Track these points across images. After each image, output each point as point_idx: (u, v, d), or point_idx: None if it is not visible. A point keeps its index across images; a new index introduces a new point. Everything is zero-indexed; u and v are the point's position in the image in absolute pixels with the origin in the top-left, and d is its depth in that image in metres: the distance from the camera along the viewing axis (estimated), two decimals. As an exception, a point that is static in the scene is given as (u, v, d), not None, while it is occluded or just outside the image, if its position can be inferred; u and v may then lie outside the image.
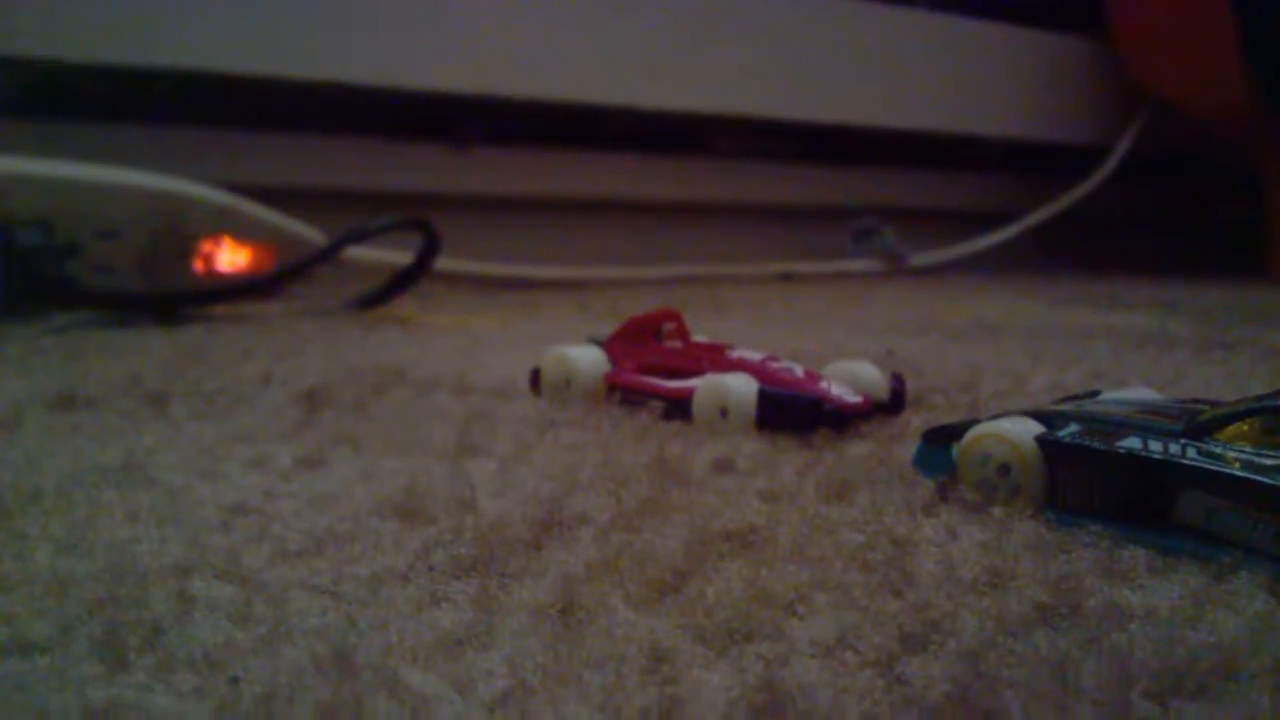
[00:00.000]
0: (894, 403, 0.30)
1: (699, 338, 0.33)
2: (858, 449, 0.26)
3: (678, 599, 0.17)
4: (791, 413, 0.28)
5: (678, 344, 0.32)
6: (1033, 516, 0.20)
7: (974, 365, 0.40)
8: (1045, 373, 0.38)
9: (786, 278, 0.88)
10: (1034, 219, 1.01)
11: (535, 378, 0.33)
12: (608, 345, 0.33)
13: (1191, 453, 0.19)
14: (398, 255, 0.61)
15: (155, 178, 0.55)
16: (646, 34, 0.84)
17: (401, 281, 0.59)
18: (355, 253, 0.61)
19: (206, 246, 0.56)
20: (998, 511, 0.21)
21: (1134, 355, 0.44)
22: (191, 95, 0.73)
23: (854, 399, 0.29)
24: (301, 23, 0.71)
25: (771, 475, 0.24)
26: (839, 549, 0.19)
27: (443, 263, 0.62)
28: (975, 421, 0.22)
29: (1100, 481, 0.20)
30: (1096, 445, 0.20)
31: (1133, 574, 0.18)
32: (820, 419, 0.28)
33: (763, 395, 0.28)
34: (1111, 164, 1.03)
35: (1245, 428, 0.19)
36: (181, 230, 0.55)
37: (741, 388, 0.28)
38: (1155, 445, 0.19)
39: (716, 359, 0.31)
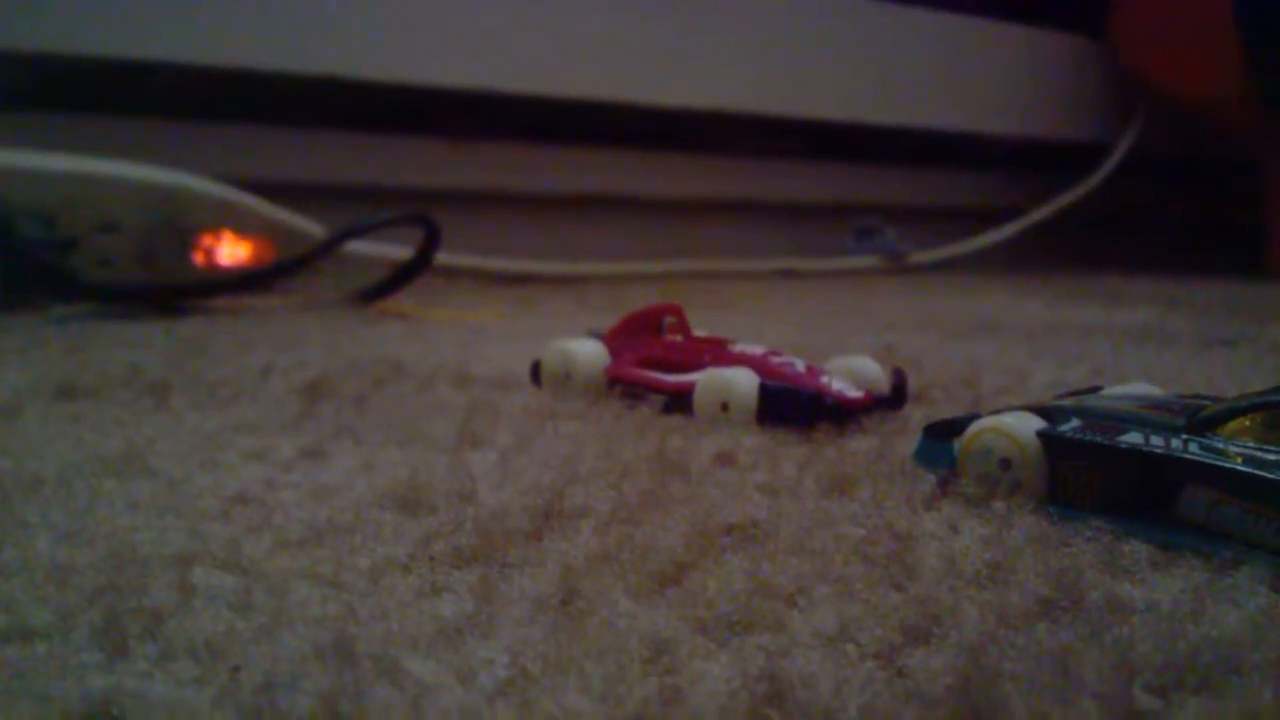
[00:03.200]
0: (895, 398, 0.30)
1: (700, 332, 0.33)
2: (859, 443, 0.26)
3: (678, 590, 0.17)
4: (792, 407, 0.28)
5: (678, 338, 0.32)
6: (1034, 511, 0.20)
7: (975, 361, 0.40)
8: (1046, 369, 0.38)
9: (788, 274, 0.88)
10: (1035, 216, 1.01)
11: (536, 370, 0.33)
12: (608, 339, 0.33)
13: (1193, 447, 0.19)
14: (399, 250, 0.61)
15: (156, 171, 0.55)
16: (646, 29, 0.84)
17: (402, 276, 0.59)
18: (356, 247, 0.61)
19: (207, 240, 0.56)
20: (999, 506, 0.20)
21: (1135, 351, 0.44)
22: (191, 89, 0.73)
23: (855, 393, 0.29)
24: (300, 18, 0.71)
25: (772, 469, 0.24)
26: (840, 542, 0.19)
27: (443, 257, 0.62)
28: (977, 416, 0.22)
29: (1102, 476, 0.20)
30: (1098, 440, 0.20)
31: (1134, 568, 0.18)
32: (821, 413, 0.28)
33: (764, 389, 0.28)
34: (1112, 161, 1.03)
35: (1247, 423, 0.19)
36: (182, 224, 0.55)
37: (743, 382, 0.28)
38: (1157, 440, 0.19)
39: (718, 353, 0.31)
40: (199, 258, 0.56)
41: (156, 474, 0.23)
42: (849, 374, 0.30)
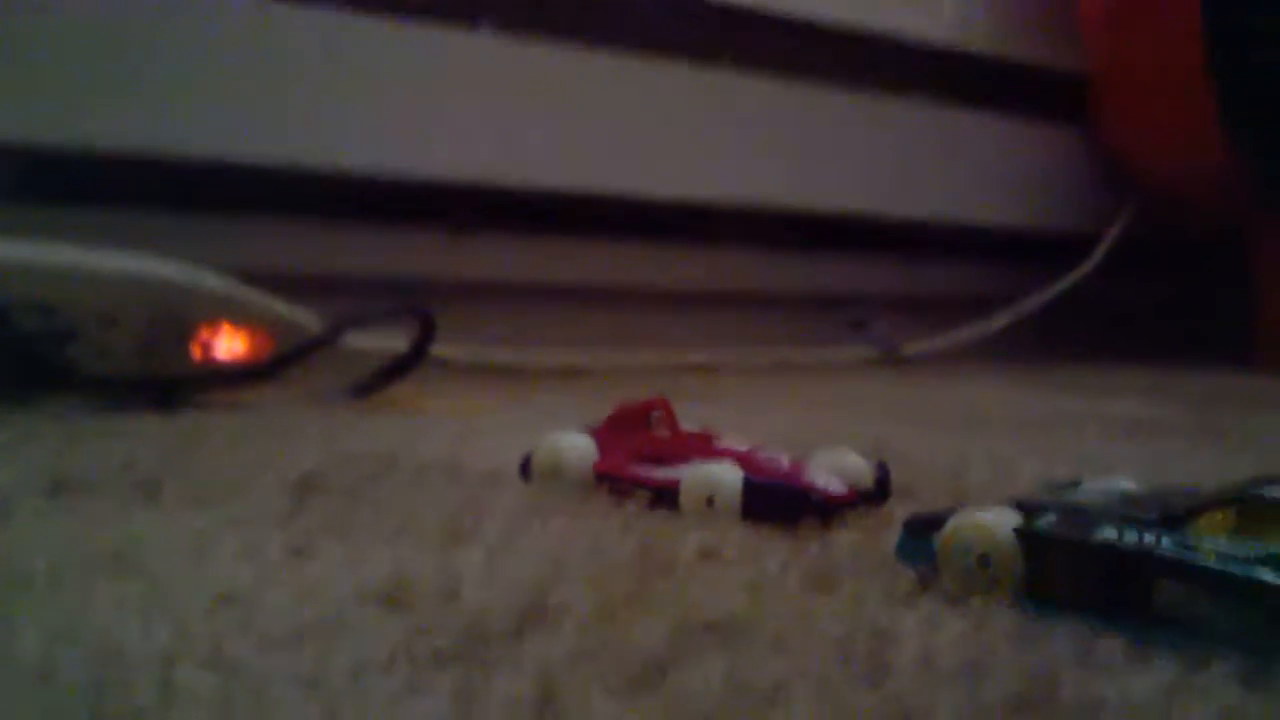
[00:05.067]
0: (879, 492, 0.30)
1: (687, 426, 0.33)
2: (842, 539, 0.27)
3: (658, 690, 0.17)
4: (777, 502, 0.28)
5: (666, 432, 0.33)
6: (1012, 606, 0.20)
7: (962, 454, 0.40)
8: (1033, 462, 0.38)
9: (779, 366, 0.88)
10: (1026, 306, 1.02)
11: (526, 465, 0.33)
12: (598, 433, 0.33)
13: (1166, 542, 0.19)
14: (394, 342, 0.61)
15: (156, 263, 0.55)
16: (639, 124, 0.85)
17: (397, 368, 0.60)
18: (351, 339, 0.61)
19: (205, 332, 0.56)
20: (978, 602, 0.21)
21: (1123, 443, 0.44)
22: (193, 181, 0.74)
23: (839, 489, 0.29)
24: (302, 111, 0.73)
25: (756, 565, 0.24)
26: (820, 639, 0.19)
27: (439, 348, 0.62)
28: (956, 511, 0.23)
29: (1077, 571, 0.20)
30: (1072, 535, 0.20)
31: (1109, 664, 0.18)
32: (806, 508, 0.28)
33: (748, 485, 0.28)
34: (1101, 251, 1.04)
35: (1219, 517, 0.19)
36: (181, 316, 0.55)
37: (727, 477, 0.28)
38: (1130, 535, 0.20)
39: (704, 447, 0.31)
40: (196, 350, 0.56)
41: (146, 571, 0.23)
42: (834, 468, 0.30)
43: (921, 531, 0.23)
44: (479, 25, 0.79)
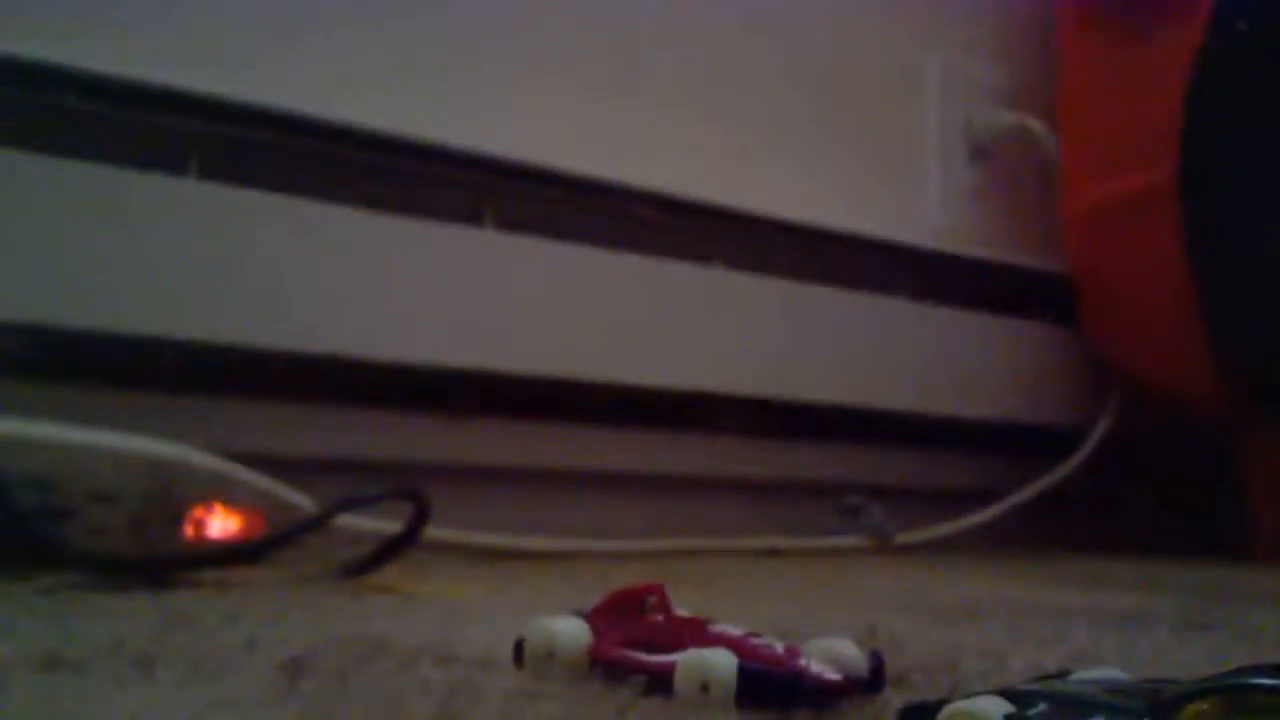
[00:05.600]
0: (873, 681, 0.30)
1: (681, 611, 0.33)
2: (836, 727, 0.26)
3: None
4: (771, 689, 0.28)
5: (660, 618, 0.33)
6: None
7: (955, 644, 0.40)
8: (1025, 653, 0.38)
9: (773, 553, 0.88)
10: (1017, 498, 1.02)
11: (519, 649, 0.33)
12: (591, 617, 0.33)
13: (1156, 736, 0.19)
14: (387, 523, 0.61)
15: (152, 443, 0.56)
16: (637, 315, 0.87)
17: (390, 550, 0.60)
18: (345, 520, 0.61)
19: (198, 512, 0.56)
20: (972, 792, 0.21)
21: (1114, 635, 0.44)
22: (189, 364, 0.75)
23: (833, 676, 0.29)
24: (299, 296, 0.75)
25: (750, 752, 0.24)
26: (814, 828, 0.19)
27: (432, 531, 0.62)
28: (948, 701, 0.23)
29: (1069, 762, 0.20)
30: (1063, 725, 0.20)
31: None
32: (800, 696, 0.28)
33: (743, 671, 0.28)
34: (1089, 445, 1.06)
35: (1205, 707, 0.20)
36: (175, 495, 0.56)
37: (722, 664, 0.28)
38: (1121, 726, 0.20)
39: (698, 633, 0.31)
40: (189, 529, 0.56)
41: (138, 750, 0.23)
42: (828, 656, 0.30)
43: (916, 720, 0.23)
44: (483, 222, 0.82)
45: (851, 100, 1.03)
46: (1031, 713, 0.21)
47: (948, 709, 0.22)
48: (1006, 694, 0.22)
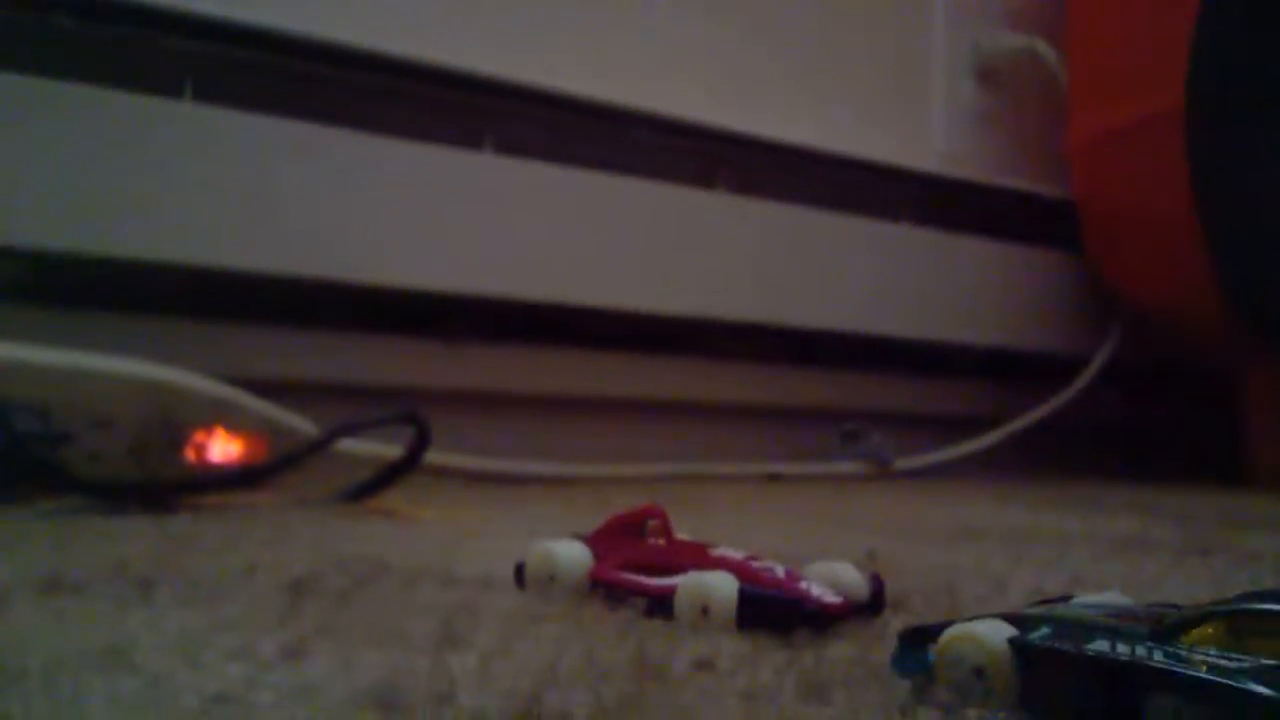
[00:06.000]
0: (874, 604, 0.30)
1: (682, 535, 0.33)
2: (837, 649, 0.27)
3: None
4: (772, 612, 0.28)
5: (660, 541, 0.33)
6: (1007, 717, 0.20)
7: (955, 568, 0.40)
8: (1025, 576, 0.39)
9: (773, 478, 0.89)
10: (1017, 425, 1.03)
11: (520, 572, 0.33)
12: (592, 541, 0.33)
13: (1158, 655, 0.19)
14: (388, 448, 0.61)
15: (151, 368, 0.56)
16: (638, 240, 0.87)
17: (391, 474, 0.60)
18: (346, 445, 0.61)
19: (199, 437, 0.56)
20: (972, 714, 0.21)
21: (1114, 559, 0.44)
22: (189, 289, 0.75)
23: (834, 599, 0.29)
24: (298, 220, 0.74)
25: (751, 674, 0.24)
26: (815, 748, 0.19)
27: (433, 456, 0.63)
28: (951, 623, 0.23)
29: (1071, 683, 0.20)
30: (1066, 648, 0.20)
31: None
32: (800, 619, 0.28)
33: (743, 595, 0.28)
34: (1091, 371, 1.06)
35: (1210, 630, 0.20)
36: (175, 421, 0.56)
37: (722, 587, 0.28)
38: (1123, 648, 0.20)
39: (698, 557, 0.31)
40: (190, 454, 0.56)
41: (139, 670, 0.23)
42: (828, 580, 0.31)
43: (917, 643, 0.23)
44: (483, 145, 0.81)
45: (856, 21, 1.01)
46: (1034, 636, 0.21)
47: (949, 631, 0.22)
48: (1008, 618, 0.22)
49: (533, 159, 0.83)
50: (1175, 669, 0.19)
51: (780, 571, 0.30)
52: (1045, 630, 0.21)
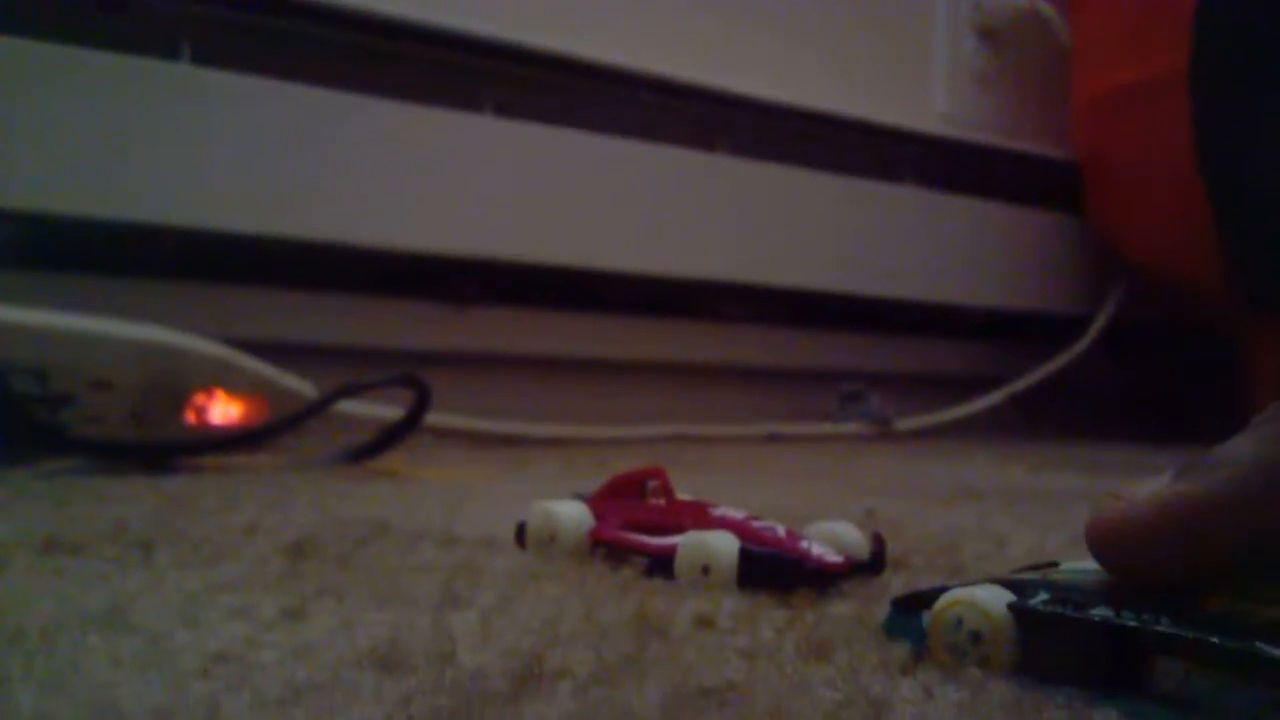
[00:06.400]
0: (874, 563, 0.30)
1: (682, 495, 0.33)
2: (837, 608, 0.27)
3: (653, 753, 0.17)
4: (773, 571, 0.28)
5: (661, 501, 0.33)
6: (1007, 678, 0.20)
7: (955, 528, 0.40)
8: (1026, 536, 0.39)
9: (773, 438, 0.89)
10: (1017, 385, 1.03)
11: (521, 532, 0.33)
12: (593, 501, 0.33)
13: (1165, 619, 0.19)
14: (388, 410, 0.61)
15: (151, 330, 0.56)
16: (639, 203, 0.86)
17: (391, 436, 0.60)
18: (347, 407, 0.61)
19: (199, 398, 0.56)
20: (974, 673, 0.21)
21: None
22: (188, 251, 0.74)
23: (835, 559, 0.29)
24: (298, 183, 0.74)
25: (751, 633, 0.24)
26: (816, 707, 0.19)
27: (433, 418, 0.63)
28: (945, 588, 0.23)
29: (1074, 649, 0.20)
30: (1070, 613, 0.20)
31: (1105, 736, 0.18)
32: (801, 578, 0.28)
33: (744, 554, 0.28)
34: (1092, 333, 1.05)
35: (1212, 597, 0.19)
36: (175, 383, 0.56)
37: (723, 546, 0.28)
38: (1128, 613, 0.20)
39: (699, 516, 0.31)
40: (190, 416, 0.56)
41: (139, 630, 0.23)
42: (829, 539, 0.30)
43: (910, 608, 0.23)
44: (483, 108, 0.81)
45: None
46: (1035, 600, 0.21)
47: (946, 596, 0.22)
48: (1002, 583, 0.22)
49: (533, 121, 0.82)
50: (1182, 632, 0.19)
51: (781, 531, 0.30)
52: (1045, 595, 0.21)
